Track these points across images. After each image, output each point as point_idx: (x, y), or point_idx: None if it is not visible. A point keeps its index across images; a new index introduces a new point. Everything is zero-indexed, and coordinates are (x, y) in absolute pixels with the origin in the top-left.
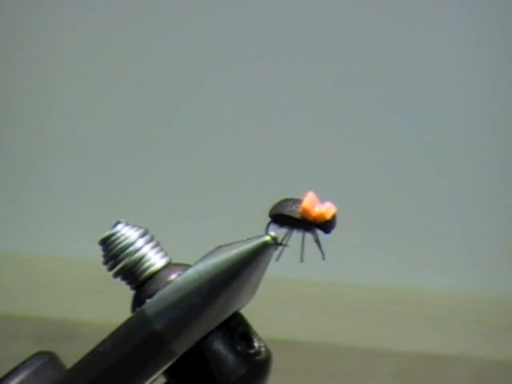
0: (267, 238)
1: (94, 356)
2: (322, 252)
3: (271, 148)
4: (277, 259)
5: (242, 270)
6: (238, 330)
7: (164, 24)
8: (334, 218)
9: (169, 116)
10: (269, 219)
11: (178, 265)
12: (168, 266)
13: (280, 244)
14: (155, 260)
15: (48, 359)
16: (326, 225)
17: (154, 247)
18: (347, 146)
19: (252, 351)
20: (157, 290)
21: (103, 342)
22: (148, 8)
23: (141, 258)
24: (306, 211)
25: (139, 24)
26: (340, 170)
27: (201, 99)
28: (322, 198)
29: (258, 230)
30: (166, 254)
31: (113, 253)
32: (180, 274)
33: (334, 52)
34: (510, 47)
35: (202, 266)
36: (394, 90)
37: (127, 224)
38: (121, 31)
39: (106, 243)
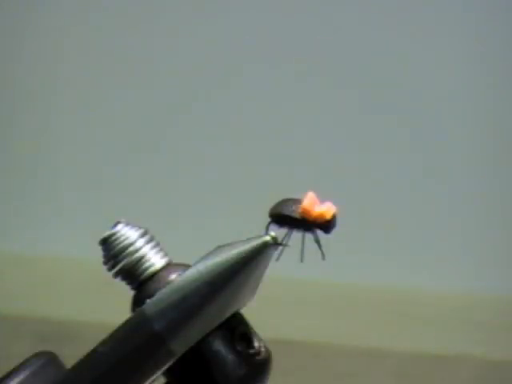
0: (267, 237)
1: (94, 356)
2: (322, 252)
3: (271, 148)
4: (277, 259)
5: (242, 270)
6: (237, 330)
7: (166, 28)
8: (334, 217)
9: (170, 116)
10: (269, 219)
11: (178, 265)
12: (168, 266)
13: (280, 244)
14: (155, 260)
15: (48, 359)
16: (326, 225)
17: (154, 247)
18: (347, 147)
19: (252, 351)
20: (157, 290)
21: (103, 342)
22: (152, 9)
23: (141, 258)
24: (305, 211)
25: (141, 26)
26: (340, 171)
27: (201, 101)
28: (322, 198)
29: (258, 230)
30: (165, 254)
31: (113, 253)
32: (180, 274)
33: (333, 55)
34: (509, 51)
35: (202, 266)
36: (394, 92)
37: (127, 224)
38: (122, 32)
39: (106, 243)
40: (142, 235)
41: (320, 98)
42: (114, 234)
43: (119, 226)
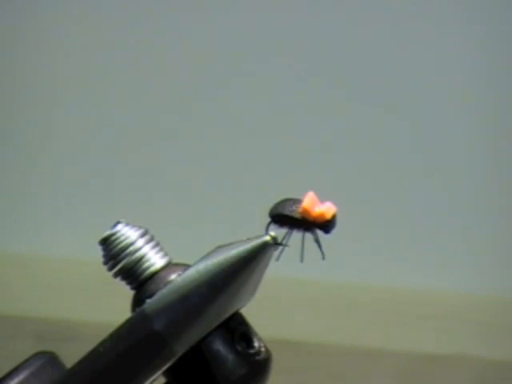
0: (267, 237)
1: (94, 356)
2: (321, 252)
3: (271, 148)
4: (277, 259)
5: (242, 269)
6: (238, 330)
7: (165, 26)
8: (334, 217)
9: (169, 116)
10: (269, 219)
11: (178, 265)
12: (168, 266)
13: (280, 244)
14: (155, 260)
15: (48, 359)
16: (326, 225)
17: (154, 247)
18: (348, 146)
19: (252, 351)
20: (157, 290)
21: (103, 342)
22: (151, 8)
23: (141, 258)
24: (305, 211)
25: (140, 24)
26: (340, 170)
27: (200, 101)
28: (322, 198)
29: (258, 230)
30: (166, 254)
31: (113, 253)
32: (180, 274)
33: (333, 53)
34: (509, 52)
35: (202, 266)
36: (394, 91)
37: (127, 224)
38: (122, 31)
39: (106, 243)
40: (142, 235)
41: (320, 97)
42: (113, 234)
43: (119, 226)
